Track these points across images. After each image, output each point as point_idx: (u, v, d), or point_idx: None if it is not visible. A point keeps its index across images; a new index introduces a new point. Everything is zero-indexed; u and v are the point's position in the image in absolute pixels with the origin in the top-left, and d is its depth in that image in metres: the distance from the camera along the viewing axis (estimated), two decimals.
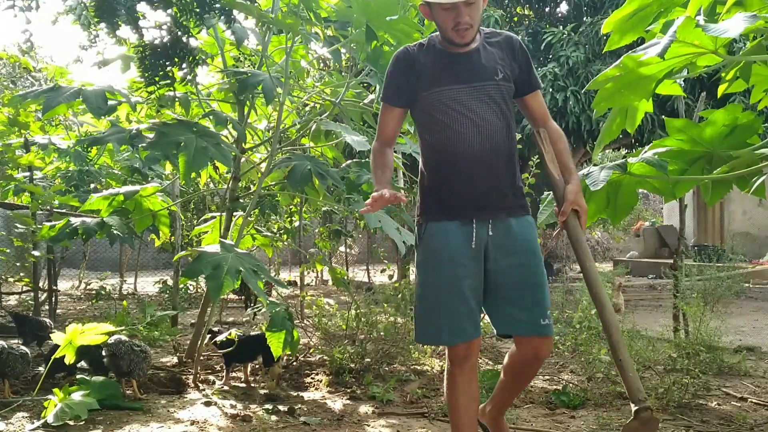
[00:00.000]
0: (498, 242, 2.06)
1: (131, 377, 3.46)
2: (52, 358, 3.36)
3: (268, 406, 3.35)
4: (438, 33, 2.12)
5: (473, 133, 2.02)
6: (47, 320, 4.59)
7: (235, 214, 4.26)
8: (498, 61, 2.07)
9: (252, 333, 4.01)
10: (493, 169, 2.04)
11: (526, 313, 2.06)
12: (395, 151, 4.67)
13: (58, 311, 6.11)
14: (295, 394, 3.69)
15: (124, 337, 3.50)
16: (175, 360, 4.40)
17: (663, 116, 6.64)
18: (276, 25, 3.49)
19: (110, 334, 3.43)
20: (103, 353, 3.45)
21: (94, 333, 3.34)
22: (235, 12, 3.42)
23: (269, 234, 5.47)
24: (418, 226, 2.19)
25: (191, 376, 3.84)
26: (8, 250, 6.52)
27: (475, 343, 2.14)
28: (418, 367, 4.23)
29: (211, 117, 3.77)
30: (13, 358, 3.38)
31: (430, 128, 2.11)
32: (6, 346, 3.38)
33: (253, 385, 3.85)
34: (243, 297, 7.13)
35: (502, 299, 2.09)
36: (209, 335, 3.86)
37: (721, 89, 2.56)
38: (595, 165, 2.46)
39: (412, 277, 9.68)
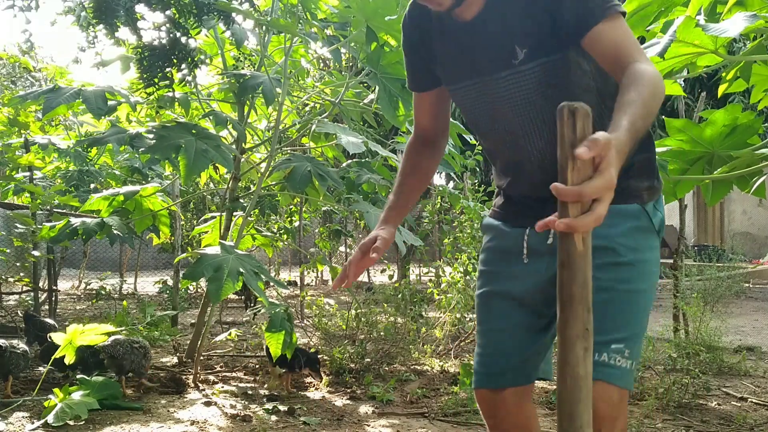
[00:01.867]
0: None
1: (136, 375, 3.50)
2: (52, 358, 3.36)
3: (268, 406, 3.35)
4: None
5: (511, 142, 1.39)
6: (53, 322, 4.61)
7: (235, 214, 4.26)
8: (515, 29, 1.27)
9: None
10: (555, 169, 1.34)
11: None
12: (394, 151, 4.65)
13: (58, 311, 6.11)
14: (295, 394, 3.69)
15: (121, 337, 3.50)
16: (175, 360, 4.40)
17: (663, 116, 6.64)
18: (274, 27, 3.49)
19: (110, 334, 3.44)
20: (101, 356, 3.46)
21: (94, 333, 3.35)
22: (233, 13, 3.42)
23: (269, 234, 5.47)
24: None
25: (191, 376, 3.84)
26: (8, 250, 6.52)
27: (509, 395, 1.42)
28: (418, 367, 4.23)
29: (210, 117, 3.77)
30: (16, 356, 3.40)
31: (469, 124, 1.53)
32: (8, 345, 3.40)
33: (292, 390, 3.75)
34: (243, 297, 7.14)
35: None
36: (305, 359, 3.63)
37: (721, 89, 2.56)
38: None
39: (413, 276, 9.69)
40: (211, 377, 4.03)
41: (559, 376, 0.90)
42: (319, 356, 3.78)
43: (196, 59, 3.44)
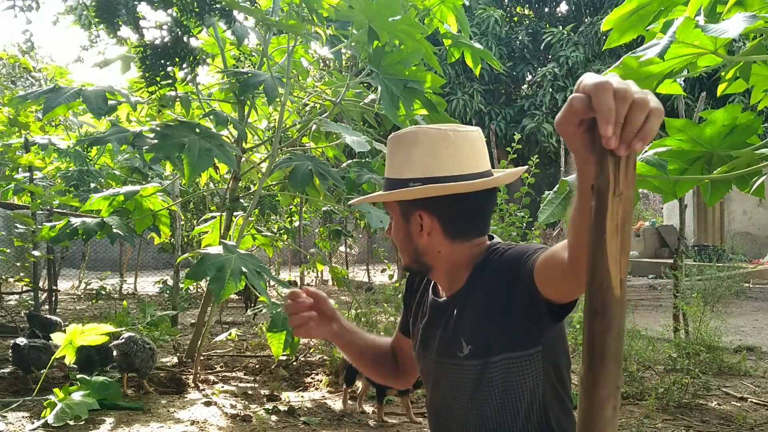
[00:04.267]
0: None
1: (141, 375, 3.53)
2: (53, 358, 3.37)
3: (268, 406, 3.35)
4: None
5: (442, 418, 1.32)
6: (55, 318, 4.65)
7: (235, 214, 4.26)
8: (468, 323, 1.22)
9: None
10: None
11: None
12: None
13: (58, 311, 6.11)
14: (296, 393, 3.69)
15: (135, 335, 3.56)
16: (175, 360, 4.40)
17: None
18: (278, 26, 3.49)
19: (110, 334, 3.46)
20: (115, 352, 3.52)
21: (94, 333, 3.35)
22: (235, 11, 3.42)
23: (269, 234, 5.47)
24: None
25: (191, 376, 3.84)
26: (8, 250, 6.52)
27: None
28: None
29: (211, 117, 3.78)
30: (36, 350, 3.54)
31: None
32: (26, 342, 3.53)
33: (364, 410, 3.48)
34: (243, 297, 7.14)
35: None
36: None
37: (720, 89, 2.56)
38: None
39: None
40: (211, 377, 4.03)
41: None
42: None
43: (197, 58, 3.44)
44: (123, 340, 3.45)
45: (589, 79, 0.71)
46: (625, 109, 0.69)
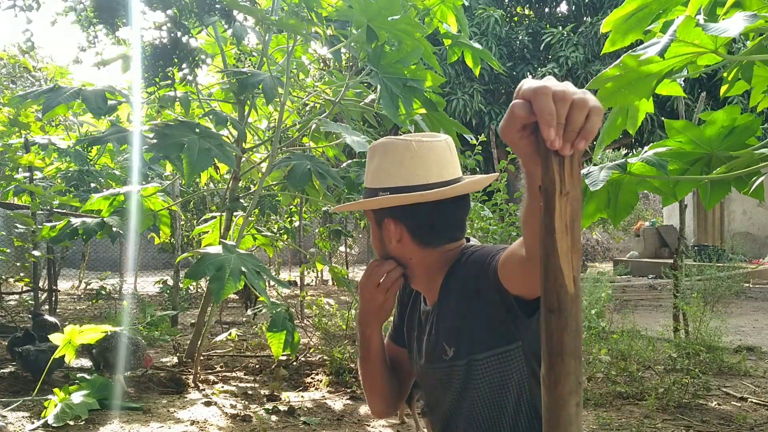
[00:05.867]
0: None
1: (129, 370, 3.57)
2: (52, 358, 3.38)
3: (268, 406, 3.35)
4: None
5: (439, 416, 1.36)
6: (53, 319, 4.66)
7: (235, 214, 4.26)
8: (447, 327, 1.26)
9: None
10: None
11: None
12: None
13: (58, 311, 6.11)
14: (296, 393, 3.69)
15: (124, 332, 3.60)
16: (175, 360, 4.40)
17: (663, 117, 6.65)
18: (277, 26, 3.48)
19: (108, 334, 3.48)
20: (94, 350, 3.58)
21: (93, 333, 3.35)
22: (235, 11, 3.42)
23: (269, 234, 5.47)
24: None
25: (191, 376, 3.84)
26: (8, 250, 6.52)
27: None
28: None
29: (211, 117, 3.78)
30: (43, 354, 3.57)
31: None
32: (32, 349, 3.58)
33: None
34: (243, 297, 7.13)
35: None
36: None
37: (722, 90, 2.55)
38: (595, 165, 2.46)
39: None
40: (211, 377, 4.03)
41: None
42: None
43: (197, 58, 3.44)
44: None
45: (527, 84, 0.73)
46: (565, 110, 0.71)
